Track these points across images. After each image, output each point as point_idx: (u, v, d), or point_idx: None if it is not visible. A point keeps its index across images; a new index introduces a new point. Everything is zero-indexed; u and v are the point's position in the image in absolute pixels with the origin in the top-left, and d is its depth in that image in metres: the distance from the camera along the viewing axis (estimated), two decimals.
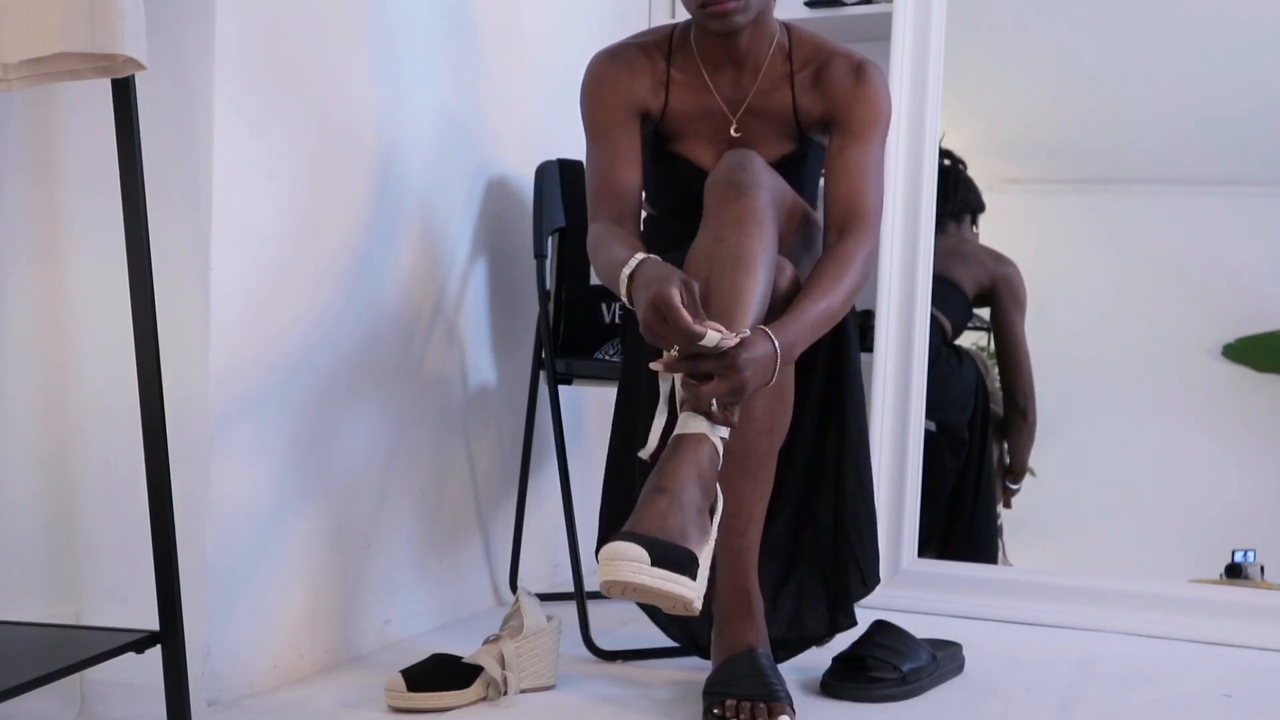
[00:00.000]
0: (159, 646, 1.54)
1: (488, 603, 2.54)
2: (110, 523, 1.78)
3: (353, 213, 2.08)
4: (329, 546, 2.03)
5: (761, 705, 1.72)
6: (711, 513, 1.62)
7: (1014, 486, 2.90)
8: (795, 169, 1.98)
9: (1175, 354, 2.82)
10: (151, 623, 1.56)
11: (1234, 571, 2.61)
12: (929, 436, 2.70)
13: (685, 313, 1.57)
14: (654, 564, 1.50)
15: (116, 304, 1.63)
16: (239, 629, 1.83)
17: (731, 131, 1.98)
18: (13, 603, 1.76)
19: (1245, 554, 2.62)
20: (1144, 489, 2.84)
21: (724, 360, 1.59)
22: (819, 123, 1.98)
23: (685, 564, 1.53)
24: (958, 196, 2.89)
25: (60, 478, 1.80)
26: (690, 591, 1.52)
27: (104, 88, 1.53)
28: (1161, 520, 2.82)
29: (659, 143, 2.03)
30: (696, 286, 1.61)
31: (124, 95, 1.50)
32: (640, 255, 1.71)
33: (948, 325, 2.86)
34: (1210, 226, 2.84)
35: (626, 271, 1.71)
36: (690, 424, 1.62)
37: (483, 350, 2.50)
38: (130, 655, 1.54)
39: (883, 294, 2.66)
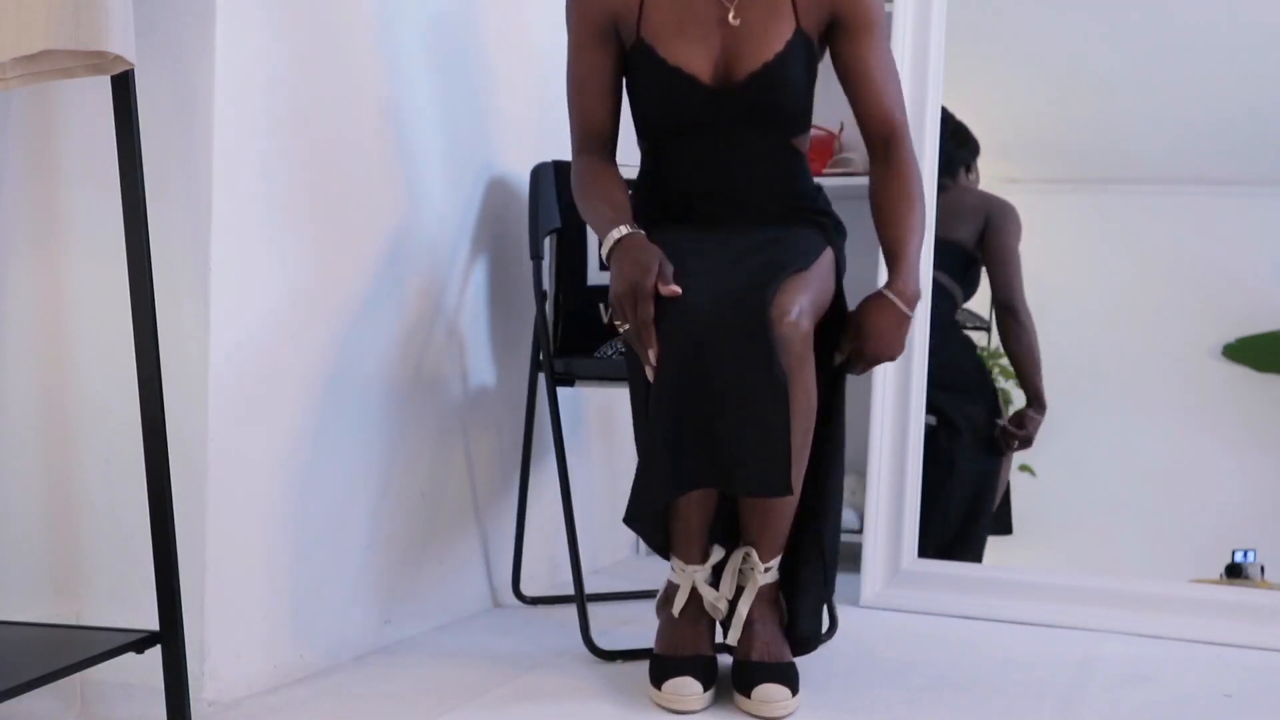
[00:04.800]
0: (159, 646, 1.55)
1: (487, 603, 2.54)
2: (110, 523, 1.78)
3: (353, 212, 2.08)
4: (329, 547, 2.03)
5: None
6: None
7: (1036, 416, 2.85)
8: (792, 62, 1.96)
9: (1175, 354, 2.82)
10: (151, 623, 1.56)
11: (1234, 571, 2.61)
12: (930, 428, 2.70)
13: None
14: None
15: (116, 304, 1.63)
16: (239, 629, 1.83)
17: (730, 19, 1.96)
18: (13, 603, 1.76)
19: (1245, 554, 2.61)
20: (1144, 489, 2.84)
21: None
22: (816, 24, 1.98)
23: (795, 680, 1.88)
24: (944, 153, 2.84)
25: (60, 478, 1.80)
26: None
27: (104, 86, 1.53)
28: (1162, 520, 2.81)
29: (645, 53, 1.99)
30: (671, 269, 1.79)
31: (123, 94, 1.50)
32: (623, 230, 1.85)
33: (957, 291, 2.84)
34: (1210, 226, 2.84)
35: (607, 248, 1.87)
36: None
37: (483, 350, 2.50)
38: (130, 655, 1.54)
39: None
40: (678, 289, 1.77)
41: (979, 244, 2.89)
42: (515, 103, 2.60)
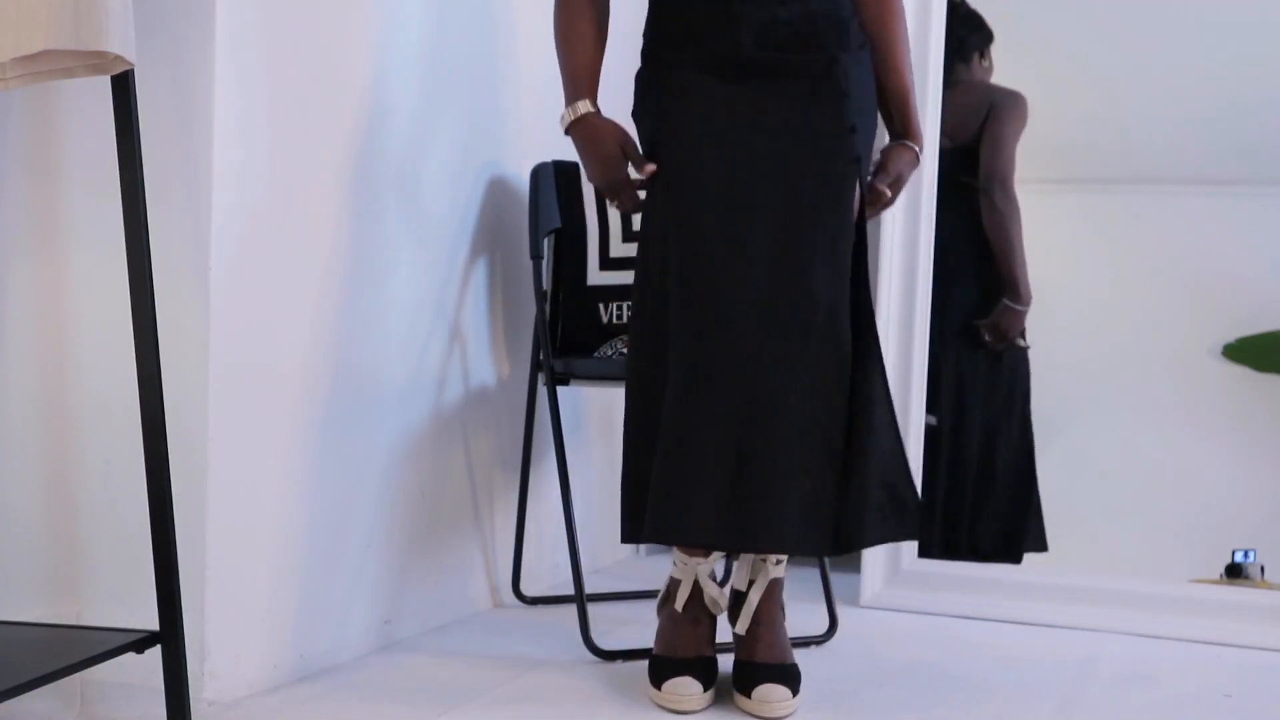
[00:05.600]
0: (159, 646, 1.55)
1: (487, 603, 2.54)
2: (110, 523, 1.78)
3: (353, 213, 2.08)
4: (329, 546, 2.03)
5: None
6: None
7: (1016, 307, 2.83)
8: None
9: (1175, 354, 2.82)
10: (151, 623, 1.56)
11: (1234, 571, 2.61)
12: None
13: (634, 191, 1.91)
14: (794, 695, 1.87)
15: (116, 304, 1.63)
16: (239, 629, 1.83)
17: None
18: (13, 603, 1.76)
19: (1245, 554, 2.61)
20: (1144, 489, 2.84)
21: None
22: None
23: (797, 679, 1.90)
24: (955, 37, 2.78)
25: (60, 478, 1.80)
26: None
27: (104, 86, 1.53)
28: (1161, 520, 2.81)
29: None
30: (636, 148, 1.90)
31: (124, 94, 1.50)
32: (579, 110, 1.92)
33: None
34: (1210, 226, 2.83)
35: (563, 126, 1.95)
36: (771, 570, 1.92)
37: (483, 350, 2.50)
38: (130, 655, 1.54)
39: (883, 288, 2.66)
40: (653, 166, 1.87)
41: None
42: (515, 102, 2.60)
